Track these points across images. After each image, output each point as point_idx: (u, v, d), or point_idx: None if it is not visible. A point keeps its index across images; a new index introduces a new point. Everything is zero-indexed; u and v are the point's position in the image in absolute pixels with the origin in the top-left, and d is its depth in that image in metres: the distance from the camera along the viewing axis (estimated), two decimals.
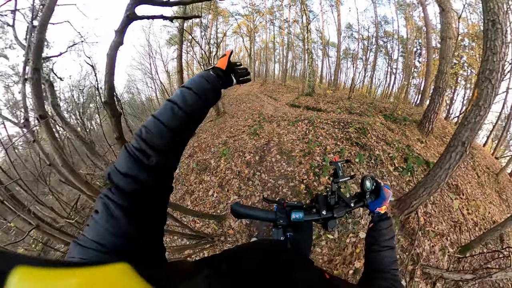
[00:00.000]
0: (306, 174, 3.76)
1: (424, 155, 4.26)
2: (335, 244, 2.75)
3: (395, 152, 4.11)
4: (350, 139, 4.35)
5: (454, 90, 11.26)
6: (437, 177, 2.49)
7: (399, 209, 2.91)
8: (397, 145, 4.35)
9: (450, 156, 2.45)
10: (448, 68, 5.21)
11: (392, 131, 5.03)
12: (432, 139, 5.21)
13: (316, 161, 3.91)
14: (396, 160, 3.88)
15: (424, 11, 10.05)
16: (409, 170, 3.66)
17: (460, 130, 2.41)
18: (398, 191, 3.30)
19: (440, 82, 5.24)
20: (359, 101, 7.33)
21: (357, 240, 2.75)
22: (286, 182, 3.73)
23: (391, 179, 3.51)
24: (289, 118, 5.70)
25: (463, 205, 3.37)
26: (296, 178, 3.73)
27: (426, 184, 2.59)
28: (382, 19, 13.33)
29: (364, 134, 4.46)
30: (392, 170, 3.66)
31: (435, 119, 5.28)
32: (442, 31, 5.37)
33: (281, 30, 15.88)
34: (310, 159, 4.01)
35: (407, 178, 3.58)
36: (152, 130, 0.44)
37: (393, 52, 13.52)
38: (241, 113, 7.43)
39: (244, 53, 19.20)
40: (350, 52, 14.62)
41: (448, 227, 3.04)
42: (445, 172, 2.45)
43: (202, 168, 4.92)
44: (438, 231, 2.90)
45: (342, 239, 2.78)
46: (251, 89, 12.69)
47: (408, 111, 7.13)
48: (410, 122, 5.66)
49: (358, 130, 4.57)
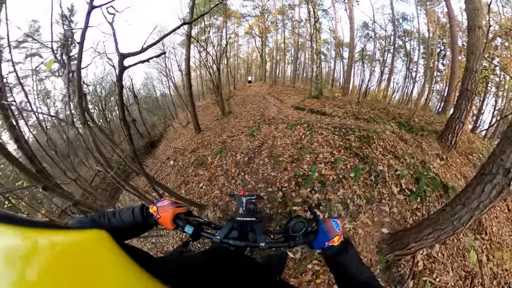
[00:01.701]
0: (287, 181, 3.00)
1: (443, 176, 3.06)
2: (293, 265, 2.11)
3: (405, 169, 3.02)
4: (349, 148, 3.37)
5: (483, 99, 8.47)
6: (455, 218, 1.51)
7: (389, 246, 1.97)
8: (409, 160, 3.22)
9: (483, 190, 1.43)
10: (479, 65, 3.59)
11: (405, 142, 3.83)
12: (455, 156, 3.74)
13: (303, 170, 3.08)
14: (405, 179, 2.80)
15: (447, 4, 7.69)
16: (419, 195, 2.57)
17: (503, 149, 1.37)
18: (398, 222, 2.29)
19: (468, 84, 3.63)
20: (370, 106, 5.93)
21: (322, 270, 2.00)
22: (265, 187, 3.12)
23: (391, 203, 2.49)
24: (289, 121, 4.85)
25: (484, 248, 2.21)
26: (276, 185, 3.04)
27: (436, 224, 1.62)
28: (401, 16, 10.56)
29: (368, 144, 3.42)
30: (396, 192, 2.63)
31: (460, 131, 3.76)
32: (469, 19, 3.74)
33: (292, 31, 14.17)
34: (297, 167, 3.19)
35: (415, 205, 2.49)
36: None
37: (413, 53, 10.75)
38: (245, 113, 6.84)
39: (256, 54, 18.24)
40: (366, 53, 11.72)
41: (455, 279, 1.99)
42: (469, 213, 1.46)
43: (200, 162, 4.83)
44: (439, 283, 1.89)
45: (303, 263, 2.09)
46: (260, 90, 11.76)
47: (427, 119, 5.46)
48: (429, 133, 4.25)
49: (361, 138, 3.53)
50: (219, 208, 3.32)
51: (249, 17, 15.15)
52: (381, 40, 11.31)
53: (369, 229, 2.24)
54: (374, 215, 2.35)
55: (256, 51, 17.93)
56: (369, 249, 2.09)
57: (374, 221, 2.29)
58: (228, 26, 14.72)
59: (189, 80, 6.29)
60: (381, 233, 2.17)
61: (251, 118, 6.03)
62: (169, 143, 8.76)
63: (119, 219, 0.65)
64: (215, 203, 3.44)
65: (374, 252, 2.06)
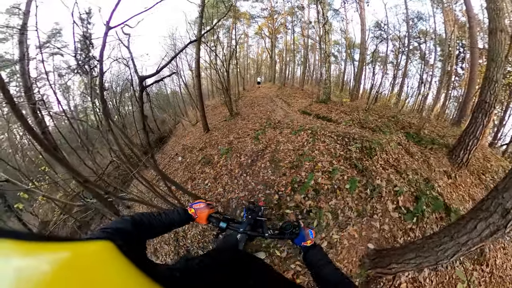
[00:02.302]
0: (284, 186, 3.02)
1: (448, 197, 2.81)
2: (279, 262, 2.20)
3: (405, 185, 2.83)
4: (349, 159, 3.24)
5: (506, 108, 7.19)
6: (440, 249, 1.41)
7: (372, 262, 1.90)
8: (412, 176, 3.01)
9: (475, 227, 1.30)
10: (500, 74, 3.08)
11: (411, 156, 3.57)
12: (465, 175, 3.33)
13: (300, 176, 3.05)
14: (403, 197, 2.63)
15: (466, 1, 6.50)
16: (415, 215, 2.41)
17: (507, 186, 1.22)
18: (386, 240, 2.18)
19: (487, 95, 3.14)
20: (379, 113, 5.50)
21: (302, 271, 2.06)
22: (264, 189, 3.18)
23: (383, 220, 2.37)
24: (294, 126, 4.75)
25: (482, 281, 1.99)
26: (274, 188, 3.09)
27: (420, 250, 1.53)
28: (416, 16, 9.30)
29: (369, 156, 3.25)
30: (391, 209, 2.49)
31: (474, 147, 3.31)
32: (490, 21, 3.18)
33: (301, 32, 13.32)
34: (295, 173, 3.17)
35: (409, 225, 2.34)
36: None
37: (430, 56, 9.45)
38: (252, 116, 6.74)
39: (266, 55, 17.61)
40: (379, 54, 10.62)
41: None
42: (455, 247, 1.35)
43: (207, 161, 4.96)
44: None
45: (287, 262, 2.17)
46: (268, 92, 11.38)
47: (440, 130, 4.89)
48: (439, 147, 3.85)
49: (362, 149, 3.37)
50: (221, 205, 3.46)
51: (258, 18, 14.66)
52: (394, 41, 10.18)
53: (355, 241, 2.18)
54: (363, 229, 2.27)
55: (266, 52, 17.35)
56: (351, 261, 2.05)
57: (361, 235, 2.22)
58: (237, 27, 14.32)
59: (199, 82, 6.28)
60: (367, 247, 2.10)
61: (258, 121, 5.98)
62: (178, 139, 8.89)
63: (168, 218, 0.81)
64: (218, 199, 3.58)
65: (356, 265, 2.01)
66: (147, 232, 0.70)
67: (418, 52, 9.96)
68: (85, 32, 3.54)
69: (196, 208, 0.92)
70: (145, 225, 0.70)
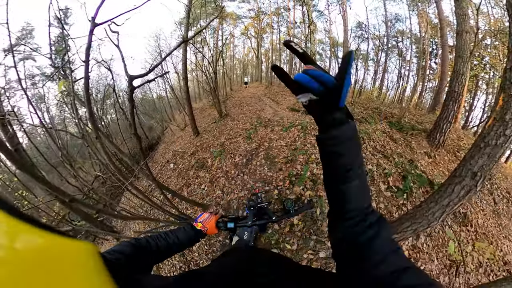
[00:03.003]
0: (282, 180, 3.11)
1: (430, 173, 3.10)
2: (291, 255, 2.26)
3: (393, 167, 3.08)
4: None
5: (474, 95, 8.46)
6: (429, 214, 1.58)
7: None
8: (397, 159, 3.27)
9: (452, 190, 1.51)
10: (466, 68, 3.64)
11: (395, 142, 3.88)
12: (443, 154, 3.76)
13: (296, 170, 3.17)
14: (392, 177, 2.86)
15: (438, 6, 7.66)
16: (405, 192, 2.63)
17: (472, 154, 1.45)
18: (384, 216, 2.36)
19: (456, 85, 3.67)
20: (363, 106, 5.91)
21: (314, 258, 2.15)
22: (262, 186, 3.24)
23: (379, 199, 2.56)
24: (284, 123, 4.92)
25: (469, 239, 2.25)
26: (273, 183, 3.16)
27: (414, 218, 1.69)
28: (394, 17, 10.53)
29: None
30: (383, 189, 2.69)
31: (448, 130, 3.79)
32: (458, 24, 3.78)
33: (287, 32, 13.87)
34: (291, 167, 3.28)
35: (401, 201, 2.55)
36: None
37: (407, 53, 10.66)
38: (242, 116, 6.81)
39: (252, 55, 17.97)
40: (360, 52, 11.66)
41: (440, 267, 2.05)
42: (441, 209, 1.53)
43: (200, 165, 4.90)
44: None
45: (300, 253, 2.25)
46: (256, 91, 11.55)
47: (418, 118, 5.42)
48: (419, 132, 4.26)
49: None
50: (222, 207, 3.44)
51: (244, 18, 14.92)
52: (375, 40, 11.26)
53: None
54: None
55: (252, 52, 17.58)
56: None
57: None
58: (224, 27, 14.57)
59: (186, 84, 6.19)
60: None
61: (248, 121, 6.04)
62: (168, 146, 8.65)
63: (174, 238, 0.74)
64: (218, 202, 3.56)
65: None
66: (151, 255, 0.64)
67: (396, 50, 11.09)
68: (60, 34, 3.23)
69: (202, 221, 0.84)
70: (149, 248, 0.64)
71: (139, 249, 0.60)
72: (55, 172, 5.39)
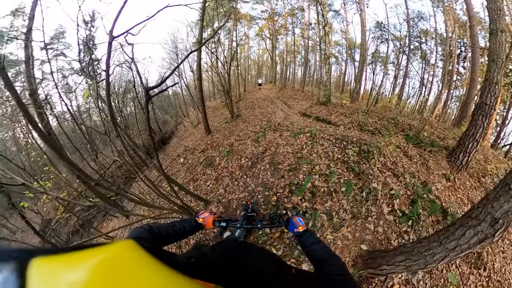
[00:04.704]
0: (282, 188, 3.10)
1: (445, 200, 2.85)
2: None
3: (402, 188, 2.88)
4: (347, 162, 3.29)
5: (508, 108, 7.12)
6: (429, 254, 1.47)
7: (364, 263, 1.96)
8: (409, 179, 3.04)
9: (463, 233, 1.34)
10: (501, 75, 3.06)
11: (410, 159, 3.60)
12: (464, 177, 3.35)
13: (297, 179, 3.12)
14: (399, 200, 2.68)
15: (466, 0, 6.49)
16: (411, 218, 2.45)
17: (497, 195, 1.25)
18: (380, 242, 2.24)
19: (487, 97, 3.11)
20: (378, 115, 5.51)
21: (298, 265, 2.15)
22: (263, 190, 3.28)
23: (378, 222, 2.42)
24: (293, 129, 4.80)
25: (479, 285, 2.01)
26: (273, 190, 3.17)
27: (410, 254, 1.59)
28: (416, 15, 9.26)
29: (367, 159, 3.30)
30: (386, 212, 2.54)
31: (474, 150, 3.29)
32: (491, 22, 3.14)
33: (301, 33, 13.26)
34: (293, 175, 3.24)
35: (404, 227, 2.39)
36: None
37: (431, 55, 9.40)
38: (253, 118, 6.79)
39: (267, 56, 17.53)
40: (380, 55, 10.60)
41: None
42: (443, 252, 1.41)
43: (208, 163, 5.09)
44: None
45: (285, 259, 2.23)
46: (269, 94, 11.38)
47: (440, 132, 4.88)
48: (439, 149, 3.84)
49: (360, 153, 3.41)
50: (222, 205, 3.55)
51: (259, 19, 14.58)
52: (395, 41, 10.09)
53: (348, 242, 2.25)
54: (357, 230, 2.34)
55: (266, 53, 17.30)
56: (345, 261, 2.11)
57: (355, 236, 2.28)
58: (238, 28, 14.31)
59: (200, 85, 6.35)
60: (360, 249, 2.16)
61: (258, 123, 6.02)
62: (180, 141, 8.99)
63: (181, 227, 0.92)
64: (219, 200, 3.68)
65: (349, 265, 2.07)
66: (162, 240, 0.77)
67: (419, 52, 9.85)
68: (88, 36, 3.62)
69: (204, 217, 1.12)
70: (160, 234, 0.77)
71: (153, 235, 0.72)
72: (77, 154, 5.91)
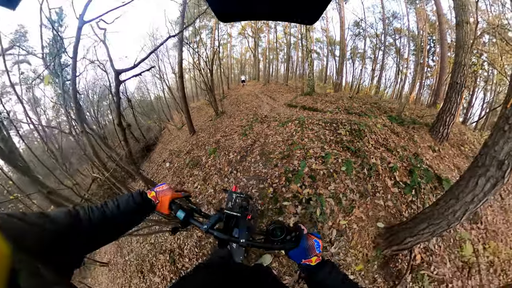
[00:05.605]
0: (278, 177, 2.86)
1: (436, 168, 2.90)
2: (287, 262, 2.02)
3: (398, 161, 2.87)
4: (340, 142, 3.21)
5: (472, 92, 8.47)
6: (449, 213, 1.36)
7: (386, 241, 1.82)
8: (402, 152, 3.07)
9: (476, 183, 1.28)
10: (467, 59, 3.56)
11: (397, 135, 3.68)
12: (447, 148, 3.57)
13: (293, 165, 2.93)
14: (398, 172, 2.65)
15: (436, 2, 7.67)
16: (413, 187, 2.42)
17: (496, 140, 1.23)
18: (393, 215, 2.14)
19: (458, 77, 3.55)
20: (362, 101, 5.70)
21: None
22: (257, 183, 2.99)
23: (386, 197, 2.33)
24: (280, 119, 4.69)
25: (480, 237, 2.07)
26: (267, 181, 2.91)
27: (431, 218, 1.47)
28: (391, 15, 10.47)
29: (359, 137, 3.26)
30: (390, 185, 2.47)
31: (451, 123, 3.65)
32: (457, 15, 3.71)
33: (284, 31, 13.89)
34: (287, 163, 3.04)
35: (410, 197, 2.33)
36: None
37: (404, 50, 10.66)
38: (238, 113, 6.64)
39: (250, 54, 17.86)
40: (358, 51, 11.65)
41: (453, 270, 1.86)
42: (464, 207, 1.30)
43: (195, 163, 4.75)
44: (437, 276, 1.76)
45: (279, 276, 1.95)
46: (253, 89, 11.45)
47: (418, 112, 5.26)
48: (420, 126, 4.06)
49: (352, 132, 3.37)
50: (213, 206, 3.20)
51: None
52: (372, 38, 11.18)
53: (364, 223, 2.09)
54: (369, 209, 2.20)
55: (249, 51, 17.60)
56: (365, 245, 1.95)
57: (368, 216, 2.14)
58: (221, 27, 14.33)
59: (182, 83, 6.09)
60: (377, 227, 2.02)
61: (244, 117, 5.84)
62: (165, 145, 8.62)
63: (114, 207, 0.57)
64: (209, 201, 3.33)
65: (370, 248, 1.91)
66: (81, 232, 0.47)
67: (393, 48, 10.98)
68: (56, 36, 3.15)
69: (158, 191, 0.69)
70: (79, 221, 0.48)
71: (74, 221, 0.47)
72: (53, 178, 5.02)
